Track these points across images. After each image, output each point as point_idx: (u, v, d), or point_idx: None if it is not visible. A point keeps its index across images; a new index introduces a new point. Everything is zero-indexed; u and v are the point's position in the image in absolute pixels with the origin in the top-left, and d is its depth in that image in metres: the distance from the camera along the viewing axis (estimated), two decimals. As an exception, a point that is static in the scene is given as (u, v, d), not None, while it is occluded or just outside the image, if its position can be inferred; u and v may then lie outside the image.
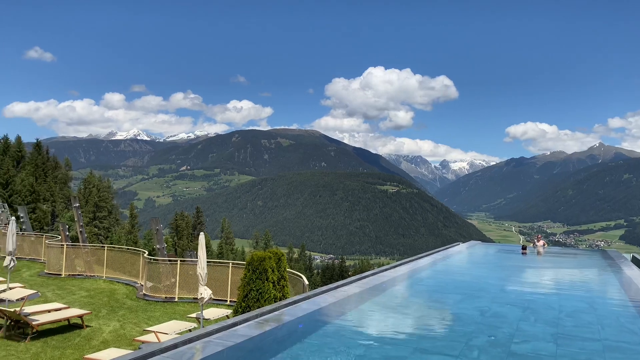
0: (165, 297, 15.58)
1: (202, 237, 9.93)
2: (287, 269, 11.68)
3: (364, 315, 8.46)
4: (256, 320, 7.58)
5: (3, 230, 26.67)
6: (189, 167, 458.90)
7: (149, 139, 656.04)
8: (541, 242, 20.64)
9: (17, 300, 11.92)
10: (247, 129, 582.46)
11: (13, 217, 13.95)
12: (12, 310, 11.10)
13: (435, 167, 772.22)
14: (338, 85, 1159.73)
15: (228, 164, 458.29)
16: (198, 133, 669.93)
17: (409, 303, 9.67)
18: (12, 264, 12.63)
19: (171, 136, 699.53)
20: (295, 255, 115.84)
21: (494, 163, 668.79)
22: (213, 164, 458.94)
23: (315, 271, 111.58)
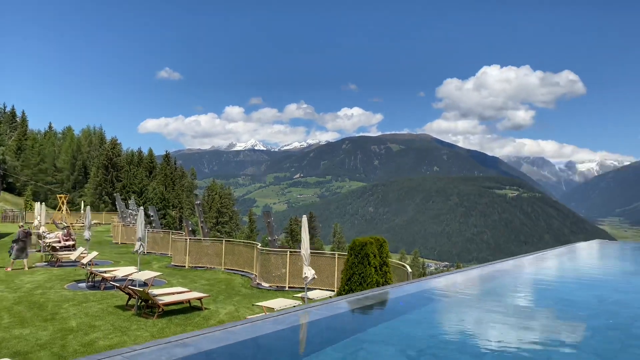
0: (277, 286, 16.35)
1: (304, 220, 10.31)
2: (392, 259, 11.69)
3: (464, 297, 8.23)
4: (357, 297, 7.72)
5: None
6: (302, 175, 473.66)
7: (265, 148, 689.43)
8: None
9: (145, 280, 13.24)
10: (357, 135, 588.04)
11: (142, 207, 15.61)
12: (141, 290, 12.38)
13: (560, 169, 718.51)
14: (450, 87, 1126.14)
15: (339, 170, 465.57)
16: (310, 141, 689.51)
17: (515, 289, 9.22)
18: (140, 248, 14.07)
19: (285, 145, 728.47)
20: (409, 262, 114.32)
21: (629, 163, 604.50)
22: (325, 171, 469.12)
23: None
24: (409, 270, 11.62)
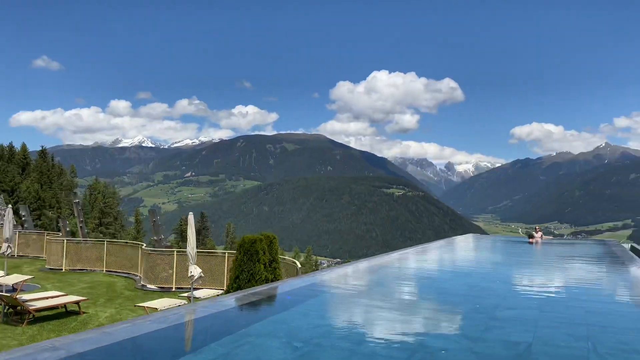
0: (163, 288, 15.77)
1: (190, 217, 10.06)
2: (282, 256, 11.80)
3: (349, 288, 8.56)
4: (244, 293, 7.68)
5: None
6: (193, 174, 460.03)
7: (153, 145, 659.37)
8: (539, 234, 20.78)
9: (14, 285, 12.09)
10: (252, 134, 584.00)
11: (9, 206, 14.16)
12: (9, 295, 11.28)
13: (440, 169, 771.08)
14: (343, 89, 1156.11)
15: (233, 169, 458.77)
16: (203, 139, 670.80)
17: (396, 279, 9.78)
18: (8, 250, 12.81)
19: (176, 142, 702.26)
20: (302, 260, 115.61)
21: (500, 165, 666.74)
22: (218, 169, 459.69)
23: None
24: (299, 265, 11.83)
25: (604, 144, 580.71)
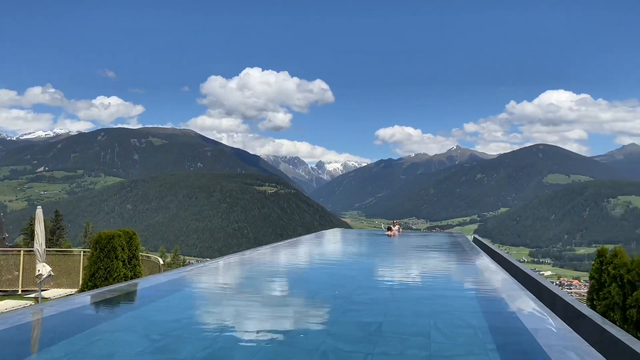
0: (7, 291, 14.23)
1: (39, 211, 9.25)
2: (144, 253, 11.31)
3: (211, 283, 8.57)
4: (100, 291, 7.29)
5: None
6: (47, 169, 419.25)
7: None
8: (397, 227, 22.51)
9: None
10: (115, 126, 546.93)
11: None
12: None
13: (311, 168, 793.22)
14: (215, 84, 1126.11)
15: (93, 164, 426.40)
16: (58, 131, 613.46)
17: (260, 271, 9.99)
18: None
19: (26, 134, 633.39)
20: (169, 260, 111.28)
21: (365, 164, 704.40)
22: (76, 164, 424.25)
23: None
24: (161, 262, 11.46)
25: (455, 147, 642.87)
